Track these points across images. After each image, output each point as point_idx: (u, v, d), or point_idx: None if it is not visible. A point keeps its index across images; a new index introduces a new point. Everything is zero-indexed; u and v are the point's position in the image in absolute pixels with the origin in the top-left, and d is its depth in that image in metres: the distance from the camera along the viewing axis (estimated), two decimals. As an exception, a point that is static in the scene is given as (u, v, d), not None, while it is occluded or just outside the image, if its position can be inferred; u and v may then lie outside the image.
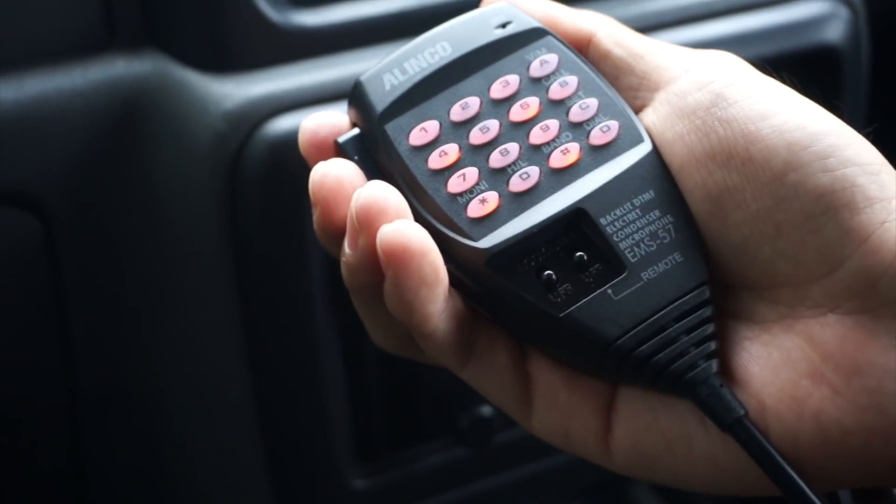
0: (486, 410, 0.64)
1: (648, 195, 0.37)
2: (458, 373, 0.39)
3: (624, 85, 0.39)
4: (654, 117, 0.38)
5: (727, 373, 0.36)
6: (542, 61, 0.39)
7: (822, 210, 0.34)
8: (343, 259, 0.37)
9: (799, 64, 0.67)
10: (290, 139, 0.55)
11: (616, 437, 0.37)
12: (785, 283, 0.36)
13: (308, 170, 0.41)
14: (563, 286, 0.36)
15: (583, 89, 0.39)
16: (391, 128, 0.38)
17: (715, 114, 0.36)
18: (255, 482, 0.62)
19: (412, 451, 0.64)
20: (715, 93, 0.37)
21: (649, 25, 0.63)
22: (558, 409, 0.38)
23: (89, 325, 0.60)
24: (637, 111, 0.39)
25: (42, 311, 0.60)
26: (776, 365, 0.35)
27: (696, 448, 0.36)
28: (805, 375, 0.34)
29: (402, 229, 0.35)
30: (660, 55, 0.39)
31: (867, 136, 0.36)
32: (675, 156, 0.37)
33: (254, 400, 0.60)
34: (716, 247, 0.37)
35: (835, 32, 0.67)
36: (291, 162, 0.55)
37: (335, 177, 0.37)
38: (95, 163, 0.58)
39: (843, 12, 0.67)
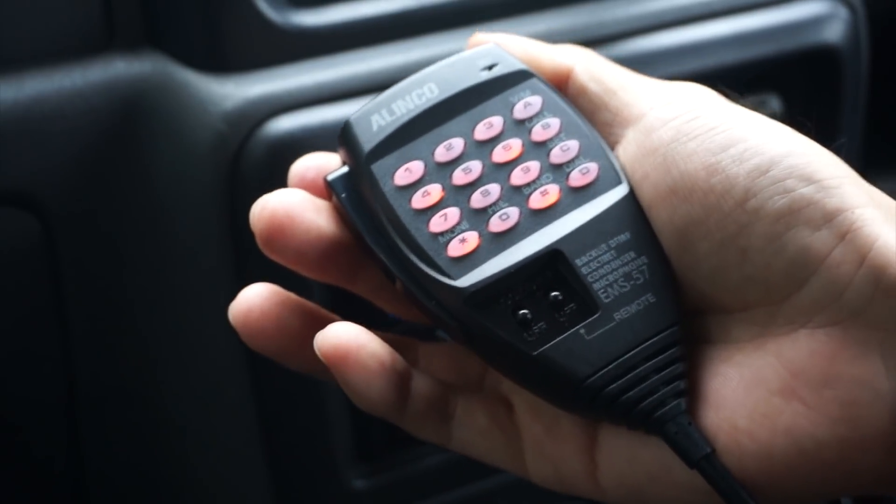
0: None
1: (624, 237, 0.37)
2: (447, 446, 0.40)
3: (600, 120, 0.40)
4: (624, 157, 0.39)
5: (701, 397, 0.36)
6: (526, 103, 0.40)
7: (782, 231, 0.35)
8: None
9: (799, 64, 0.67)
10: (290, 139, 0.55)
11: (602, 474, 0.38)
12: (757, 304, 0.36)
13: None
14: (538, 325, 0.37)
15: (565, 131, 0.39)
16: (377, 167, 0.39)
17: (675, 149, 0.37)
18: (255, 482, 0.62)
19: (412, 451, 0.64)
20: (676, 129, 0.37)
21: (649, 25, 0.63)
22: (546, 458, 0.39)
23: (89, 325, 0.60)
24: (612, 147, 0.39)
25: (42, 311, 0.60)
26: (748, 385, 0.35)
27: (678, 477, 0.36)
28: (776, 393, 0.35)
29: (335, 332, 0.37)
30: (631, 91, 0.39)
31: (838, 147, 0.37)
32: (644, 195, 0.38)
33: (254, 400, 0.60)
34: (689, 277, 0.37)
35: (835, 32, 0.67)
36: (291, 162, 0.55)
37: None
38: (95, 163, 0.58)
39: (843, 12, 0.67)
